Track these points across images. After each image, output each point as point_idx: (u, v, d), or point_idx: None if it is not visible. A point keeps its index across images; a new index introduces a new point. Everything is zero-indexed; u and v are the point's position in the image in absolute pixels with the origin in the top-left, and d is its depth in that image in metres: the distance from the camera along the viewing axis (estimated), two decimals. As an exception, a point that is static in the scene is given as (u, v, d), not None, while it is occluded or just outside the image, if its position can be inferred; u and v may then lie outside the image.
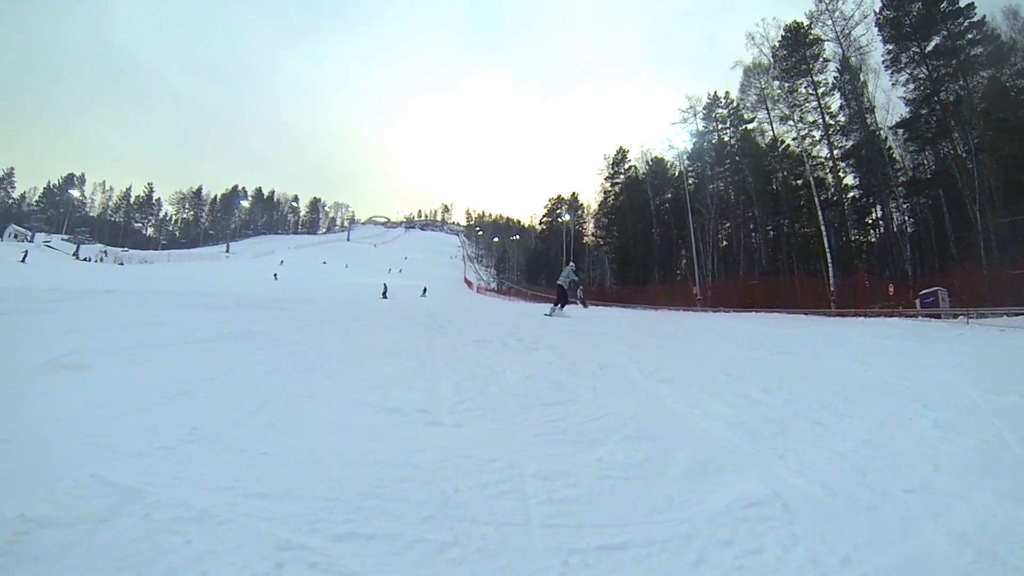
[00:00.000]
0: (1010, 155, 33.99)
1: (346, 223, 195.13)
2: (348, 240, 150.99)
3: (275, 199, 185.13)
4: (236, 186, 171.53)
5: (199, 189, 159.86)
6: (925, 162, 43.64)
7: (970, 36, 40.69)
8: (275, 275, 59.63)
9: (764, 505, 2.73)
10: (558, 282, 21.64)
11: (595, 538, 2.34)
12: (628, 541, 2.34)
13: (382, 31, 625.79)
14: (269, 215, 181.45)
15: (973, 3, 40.63)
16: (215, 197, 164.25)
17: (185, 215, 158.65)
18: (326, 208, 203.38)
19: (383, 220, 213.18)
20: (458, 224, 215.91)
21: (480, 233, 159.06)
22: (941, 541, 2.42)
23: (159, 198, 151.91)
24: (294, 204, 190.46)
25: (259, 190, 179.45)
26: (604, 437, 3.75)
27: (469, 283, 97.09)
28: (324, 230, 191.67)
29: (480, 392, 4.92)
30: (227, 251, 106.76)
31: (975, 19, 40.77)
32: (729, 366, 6.99)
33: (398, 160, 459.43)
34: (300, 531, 2.29)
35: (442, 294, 56.24)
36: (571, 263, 23.79)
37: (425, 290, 60.23)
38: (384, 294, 43.74)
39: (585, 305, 31.09)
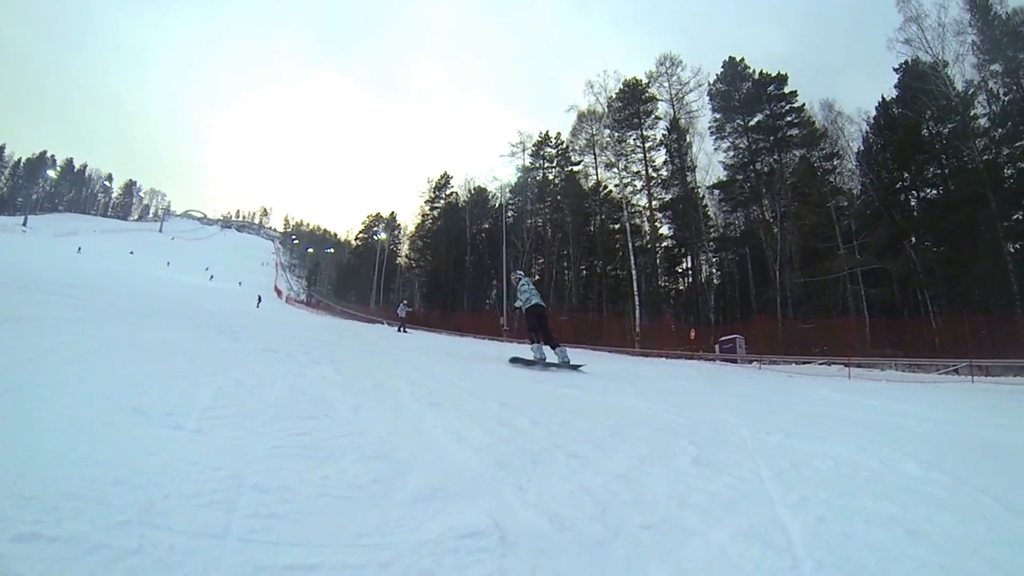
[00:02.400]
0: (809, 225, 40.41)
1: (160, 213, 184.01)
2: (160, 232, 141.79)
3: (87, 174, 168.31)
4: (45, 152, 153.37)
5: (2, 148, 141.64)
6: (736, 222, 49.44)
7: (789, 119, 47.93)
8: None
9: (481, 536, 2.54)
10: (524, 306, 12.83)
11: (287, 557, 2.16)
12: (320, 563, 2.14)
13: (231, 11, 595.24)
14: (78, 191, 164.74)
15: (796, 91, 48.01)
16: (19, 160, 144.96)
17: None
18: (141, 194, 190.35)
19: (199, 215, 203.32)
20: (275, 230, 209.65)
21: (296, 242, 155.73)
22: None
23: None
24: (107, 184, 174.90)
25: (70, 161, 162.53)
26: (342, 455, 3.55)
27: (279, 292, 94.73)
28: (136, 217, 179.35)
29: (239, 400, 4.66)
30: (24, 224, 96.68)
31: (796, 105, 48.14)
32: (508, 395, 6.97)
33: (223, 153, 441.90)
34: (-20, 530, 1.94)
35: (248, 300, 54.27)
36: (520, 273, 14.03)
37: (260, 299, 57.73)
38: None
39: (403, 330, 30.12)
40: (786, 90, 48.03)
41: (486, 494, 3.14)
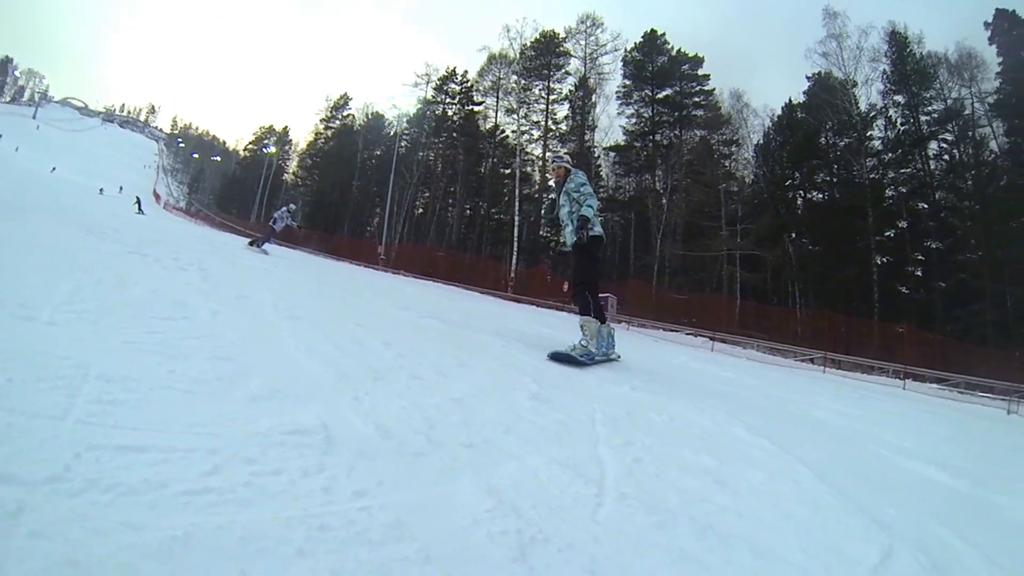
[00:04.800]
0: (697, 202, 42.59)
1: (36, 97, 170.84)
2: (34, 118, 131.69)
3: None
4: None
5: None
6: (627, 186, 50.61)
7: (697, 99, 50.31)
8: None
9: (307, 434, 2.65)
10: (589, 231, 7.72)
11: (121, 439, 2.20)
12: (151, 445, 2.20)
13: None
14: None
15: (709, 75, 50.27)
16: None
17: None
18: (16, 73, 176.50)
19: (80, 104, 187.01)
20: (161, 130, 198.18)
21: (182, 145, 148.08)
22: (469, 490, 2.45)
23: None
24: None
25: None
26: (192, 354, 3.55)
27: (158, 196, 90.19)
28: (9, 99, 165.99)
29: (98, 297, 4.52)
30: None
31: (707, 88, 50.50)
32: (368, 319, 7.05)
33: (114, 38, 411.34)
34: None
35: (122, 203, 51.71)
36: (564, 155, 9.55)
37: (139, 202, 54.11)
38: None
39: (260, 245, 22.45)
40: (700, 72, 50.01)
41: (322, 399, 3.22)
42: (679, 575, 2.13)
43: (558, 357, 6.66)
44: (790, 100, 46.67)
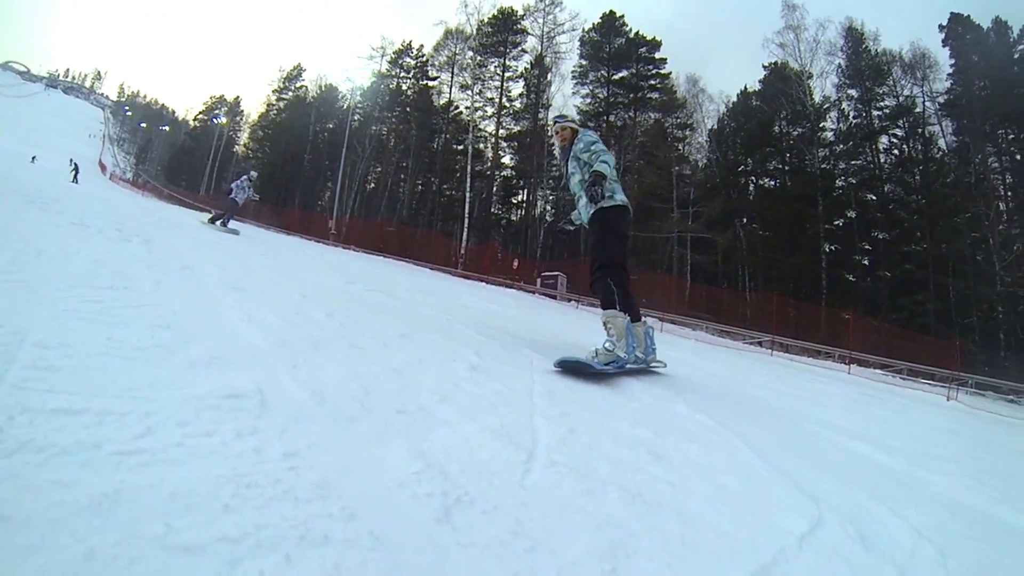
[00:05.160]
0: (649, 184, 42.79)
1: None
2: None
3: None
4: None
5: None
6: None
7: (653, 82, 51.56)
8: None
9: (243, 398, 2.68)
10: (608, 200, 6.47)
11: (56, 403, 2.18)
12: (86, 409, 2.19)
13: None
14: None
15: (666, 59, 51.52)
16: None
17: None
18: None
19: (22, 68, 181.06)
20: (107, 97, 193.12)
21: (129, 113, 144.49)
22: (400, 453, 2.50)
23: None
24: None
25: None
26: (132, 322, 3.52)
27: (103, 167, 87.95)
28: None
29: (37, 268, 4.44)
30: None
31: (663, 71, 51.73)
32: (313, 290, 7.05)
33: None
34: None
35: (66, 174, 50.33)
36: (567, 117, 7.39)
37: (76, 170, 52.17)
38: None
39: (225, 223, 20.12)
40: (657, 55, 50.92)
41: (259, 366, 3.24)
42: (603, 539, 2.17)
43: (571, 366, 5.03)
44: (745, 88, 48.37)
